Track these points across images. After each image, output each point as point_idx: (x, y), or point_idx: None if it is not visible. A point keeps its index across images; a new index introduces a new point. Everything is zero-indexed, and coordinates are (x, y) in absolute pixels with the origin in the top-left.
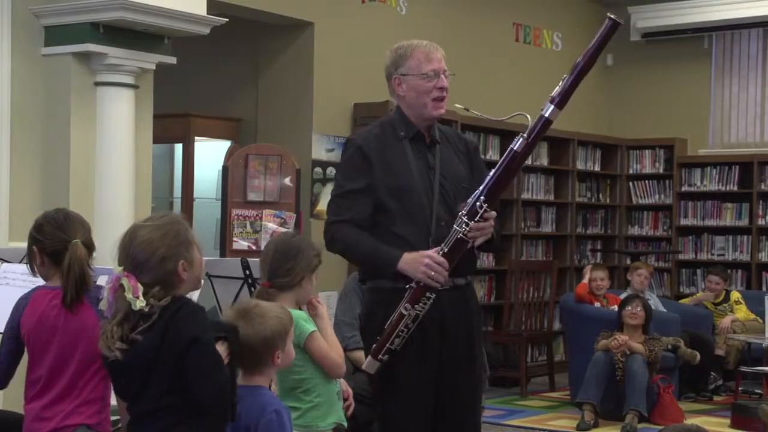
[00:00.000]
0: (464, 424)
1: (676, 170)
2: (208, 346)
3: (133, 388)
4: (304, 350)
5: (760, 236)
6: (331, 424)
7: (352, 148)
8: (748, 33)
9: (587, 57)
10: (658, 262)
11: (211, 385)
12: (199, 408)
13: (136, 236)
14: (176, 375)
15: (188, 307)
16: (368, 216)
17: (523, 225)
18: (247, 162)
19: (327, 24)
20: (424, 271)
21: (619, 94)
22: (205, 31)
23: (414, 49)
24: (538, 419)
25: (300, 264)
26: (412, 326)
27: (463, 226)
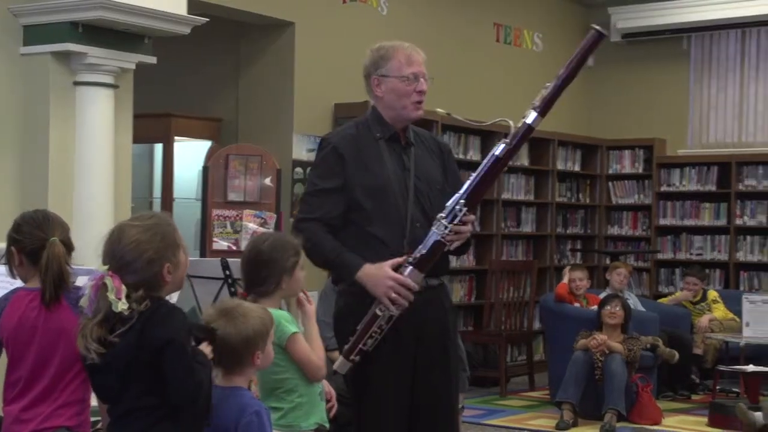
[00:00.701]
0: (440, 424)
1: (655, 170)
2: (183, 347)
3: (111, 389)
4: (285, 351)
5: (738, 236)
6: (313, 424)
7: (327, 148)
8: (726, 34)
9: (570, 68)
10: (637, 261)
11: (186, 385)
12: (177, 409)
13: (123, 236)
14: (153, 376)
15: (165, 308)
16: (339, 215)
17: (503, 225)
18: (228, 162)
19: (308, 24)
20: (385, 292)
21: (599, 95)
22: (185, 30)
23: (395, 51)
24: (518, 419)
25: (273, 270)
26: (385, 327)
27: (442, 229)
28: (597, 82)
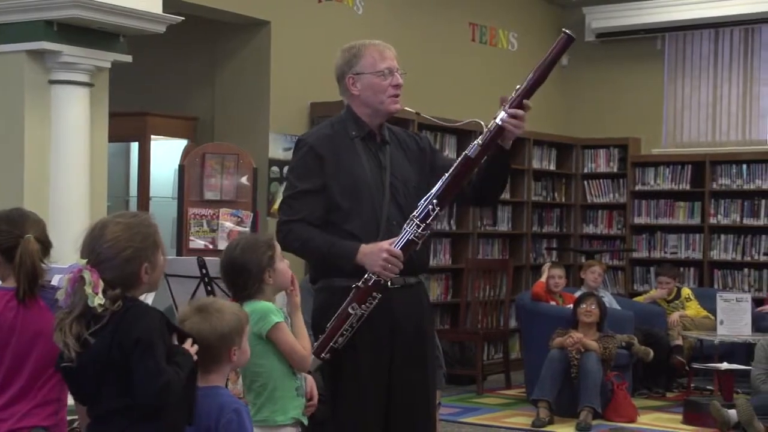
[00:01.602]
0: (418, 422)
1: (630, 169)
2: (151, 348)
3: (87, 391)
4: (267, 342)
5: (712, 234)
6: (290, 418)
7: (304, 148)
8: (699, 34)
9: (540, 70)
10: (612, 260)
11: (151, 386)
12: (157, 409)
13: (105, 232)
14: (128, 376)
15: (136, 308)
16: (321, 215)
17: (479, 223)
18: (204, 161)
19: (283, 23)
20: (382, 264)
21: (573, 94)
22: (161, 29)
23: (367, 48)
24: (494, 416)
25: (251, 272)
26: (356, 325)
27: (414, 228)
28: (571, 81)
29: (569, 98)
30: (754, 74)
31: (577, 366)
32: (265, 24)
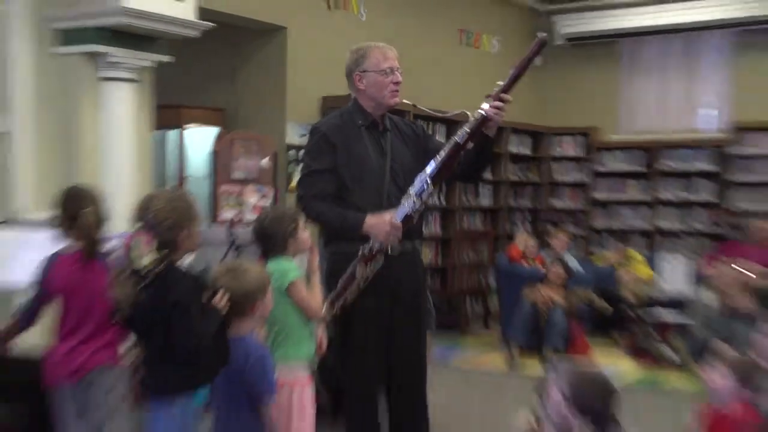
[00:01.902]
0: (413, 363)
1: (593, 153)
2: (187, 308)
3: (139, 337)
4: (285, 295)
5: (658, 208)
6: (302, 357)
7: (317, 135)
8: (651, 39)
9: (520, 68)
10: (575, 229)
11: (187, 343)
12: (190, 353)
13: (151, 205)
14: (170, 331)
15: (175, 273)
16: (333, 191)
17: (464, 199)
18: (232, 146)
19: (298, 28)
20: (387, 231)
21: (545, 90)
22: (195, 33)
23: (372, 50)
24: (474, 356)
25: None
26: (363, 284)
27: (412, 202)
28: (544, 79)
29: (541, 93)
30: (694, 74)
31: (545, 317)
32: (282, 29)
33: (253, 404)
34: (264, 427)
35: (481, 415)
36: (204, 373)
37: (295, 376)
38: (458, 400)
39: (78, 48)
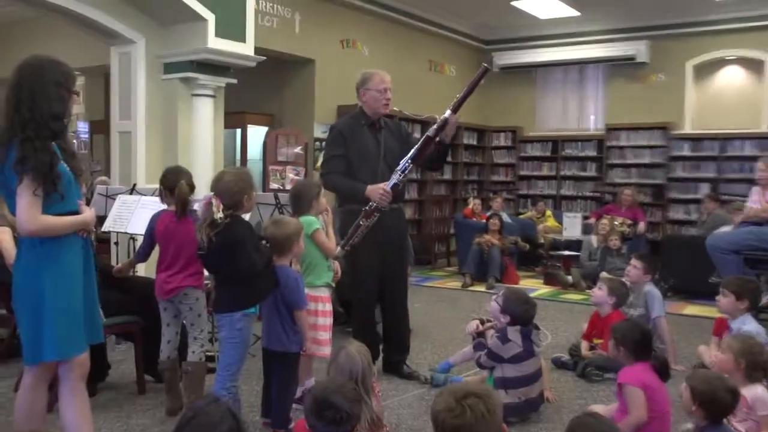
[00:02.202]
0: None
1: (518, 144)
2: (245, 244)
3: (213, 266)
4: (310, 239)
5: (562, 181)
6: (323, 282)
7: (334, 131)
8: (555, 69)
9: (470, 87)
10: (507, 194)
11: (246, 266)
12: (252, 276)
13: (223, 177)
14: (234, 260)
15: (237, 221)
16: (344, 169)
17: (433, 174)
18: (277, 139)
19: (322, 60)
20: (380, 195)
21: (487, 101)
22: (252, 64)
23: (374, 75)
24: (441, 282)
25: (306, 199)
26: (365, 231)
27: (398, 177)
28: (486, 94)
29: (485, 104)
30: (583, 92)
31: (487, 254)
32: (312, 61)
33: (290, 311)
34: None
35: (444, 319)
36: (257, 294)
37: (318, 294)
38: (429, 310)
39: (177, 75)
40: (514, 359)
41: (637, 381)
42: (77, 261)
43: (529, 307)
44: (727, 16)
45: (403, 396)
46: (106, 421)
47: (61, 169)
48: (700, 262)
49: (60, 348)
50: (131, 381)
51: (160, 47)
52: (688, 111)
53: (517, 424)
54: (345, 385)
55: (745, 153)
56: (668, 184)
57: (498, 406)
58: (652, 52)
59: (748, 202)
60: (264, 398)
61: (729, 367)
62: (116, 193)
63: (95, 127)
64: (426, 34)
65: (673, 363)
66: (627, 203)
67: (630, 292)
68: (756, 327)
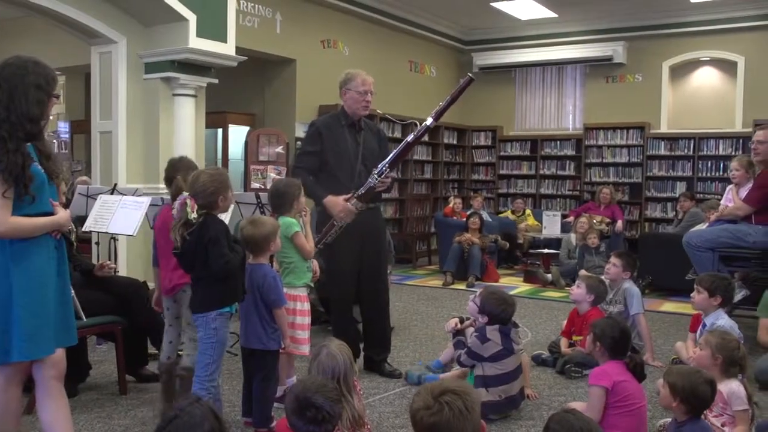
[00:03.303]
0: (376, 282)
1: (498, 143)
2: (219, 242)
3: (188, 265)
4: (290, 241)
5: (541, 180)
6: (302, 283)
7: (312, 128)
8: (535, 69)
9: (454, 95)
10: (487, 193)
11: (218, 264)
12: (222, 276)
13: (199, 178)
14: (207, 258)
15: (211, 221)
16: (315, 167)
17: (414, 173)
18: (259, 138)
19: (303, 60)
20: (337, 213)
21: (468, 101)
22: (234, 64)
23: (356, 76)
24: (422, 280)
25: (287, 199)
26: (339, 231)
27: (375, 179)
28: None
29: (465, 103)
30: (561, 92)
31: (467, 252)
32: (293, 60)
33: (269, 309)
34: (276, 324)
35: (426, 317)
36: (232, 294)
37: (297, 293)
38: (411, 308)
39: (158, 75)
40: (493, 358)
41: (607, 380)
42: (49, 262)
43: (507, 306)
44: (702, 18)
45: (385, 394)
46: (87, 421)
47: (34, 171)
48: (676, 259)
49: (28, 348)
50: (112, 381)
51: (141, 47)
52: (665, 111)
53: (497, 421)
54: (326, 384)
55: (720, 152)
56: (645, 183)
57: (476, 402)
58: (629, 52)
59: (722, 201)
60: (245, 397)
61: (706, 363)
62: (97, 193)
63: (76, 126)
64: (406, 34)
65: (651, 359)
66: (605, 201)
67: (609, 290)
68: (729, 323)
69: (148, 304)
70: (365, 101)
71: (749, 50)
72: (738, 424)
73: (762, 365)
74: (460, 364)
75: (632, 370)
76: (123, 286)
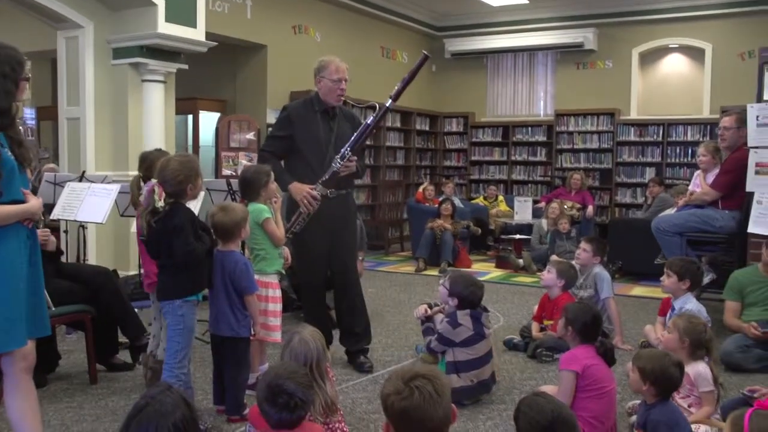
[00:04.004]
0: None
1: (470, 129)
2: (183, 229)
3: (154, 253)
4: (260, 227)
5: (513, 166)
6: (274, 270)
7: (284, 112)
8: (506, 55)
9: (411, 74)
10: (459, 179)
11: (182, 253)
12: (188, 263)
13: (168, 165)
14: (172, 245)
15: (178, 209)
16: (282, 152)
17: (386, 159)
18: (230, 125)
19: (274, 46)
20: (301, 200)
21: (439, 88)
22: (204, 49)
23: (329, 63)
24: (394, 267)
25: (255, 186)
26: (306, 219)
27: (337, 164)
28: (439, 80)
29: (436, 90)
30: (533, 78)
31: (440, 238)
32: (264, 46)
33: (240, 296)
34: (247, 311)
35: (398, 302)
36: (199, 281)
37: (268, 280)
38: (383, 294)
39: (127, 60)
40: (465, 343)
41: (577, 365)
42: (20, 251)
43: (476, 288)
44: (671, 6)
45: (358, 380)
46: (56, 412)
47: (5, 158)
48: (646, 244)
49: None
50: (82, 371)
51: (109, 32)
52: (634, 97)
53: (469, 405)
54: (298, 371)
55: (688, 138)
56: (615, 169)
57: (446, 386)
58: (600, 39)
59: (690, 186)
60: (216, 385)
61: (674, 346)
62: (65, 181)
63: (42, 113)
64: (378, 20)
65: (620, 342)
66: (576, 187)
67: (579, 274)
68: (696, 306)
69: (117, 292)
70: (339, 89)
71: (716, 38)
72: (704, 405)
73: (728, 347)
74: (430, 351)
75: (602, 355)
76: (92, 275)
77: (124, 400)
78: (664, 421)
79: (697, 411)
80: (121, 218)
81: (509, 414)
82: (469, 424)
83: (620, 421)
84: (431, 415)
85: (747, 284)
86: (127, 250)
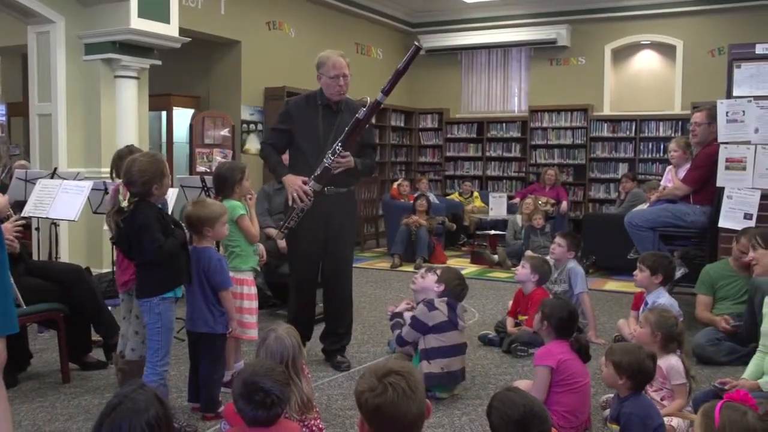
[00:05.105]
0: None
1: (445, 126)
2: (149, 227)
3: (126, 252)
4: (235, 224)
5: (487, 162)
6: (249, 267)
7: (284, 108)
8: (480, 52)
9: (402, 67)
10: (434, 175)
11: (149, 251)
12: (160, 260)
13: (133, 165)
14: (141, 243)
15: (144, 206)
16: (282, 145)
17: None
18: (204, 121)
19: (249, 41)
20: (291, 192)
21: (414, 84)
22: (177, 45)
23: (327, 59)
24: (370, 263)
25: (229, 183)
26: (301, 215)
27: (329, 160)
28: (413, 77)
29: (412, 86)
30: (507, 75)
31: (415, 234)
32: (238, 42)
33: (215, 292)
34: (223, 307)
35: (374, 299)
36: (175, 278)
37: (243, 277)
38: (359, 290)
39: (99, 56)
40: (437, 328)
41: (551, 360)
42: None
43: (462, 284)
44: (642, 2)
45: (333, 377)
46: (28, 411)
47: None
48: (619, 239)
49: None
50: (55, 370)
51: (80, 27)
52: (607, 93)
53: (444, 400)
54: (274, 368)
55: (660, 134)
56: (589, 164)
57: (420, 382)
58: (573, 35)
59: (662, 181)
60: (191, 383)
61: (646, 340)
62: (36, 177)
63: (13, 109)
64: (353, 16)
65: (594, 337)
66: (550, 183)
67: (554, 269)
68: (669, 300)
69: (91, 290)
70: (338, 86)
71: (687, 34)
72: (676, 398)
73: (699, 340)
74: (400, 342)
75: (577, 352)
76: (64, 273)
77: (98, 399)
78: (637, 414)
79: (670, 404)
80: (94, 215)
81: (484, 409)
82: (444, 420)
83: (594, 415)
84: (405, 411)
85: (718, 278)
86: (100, 248)
